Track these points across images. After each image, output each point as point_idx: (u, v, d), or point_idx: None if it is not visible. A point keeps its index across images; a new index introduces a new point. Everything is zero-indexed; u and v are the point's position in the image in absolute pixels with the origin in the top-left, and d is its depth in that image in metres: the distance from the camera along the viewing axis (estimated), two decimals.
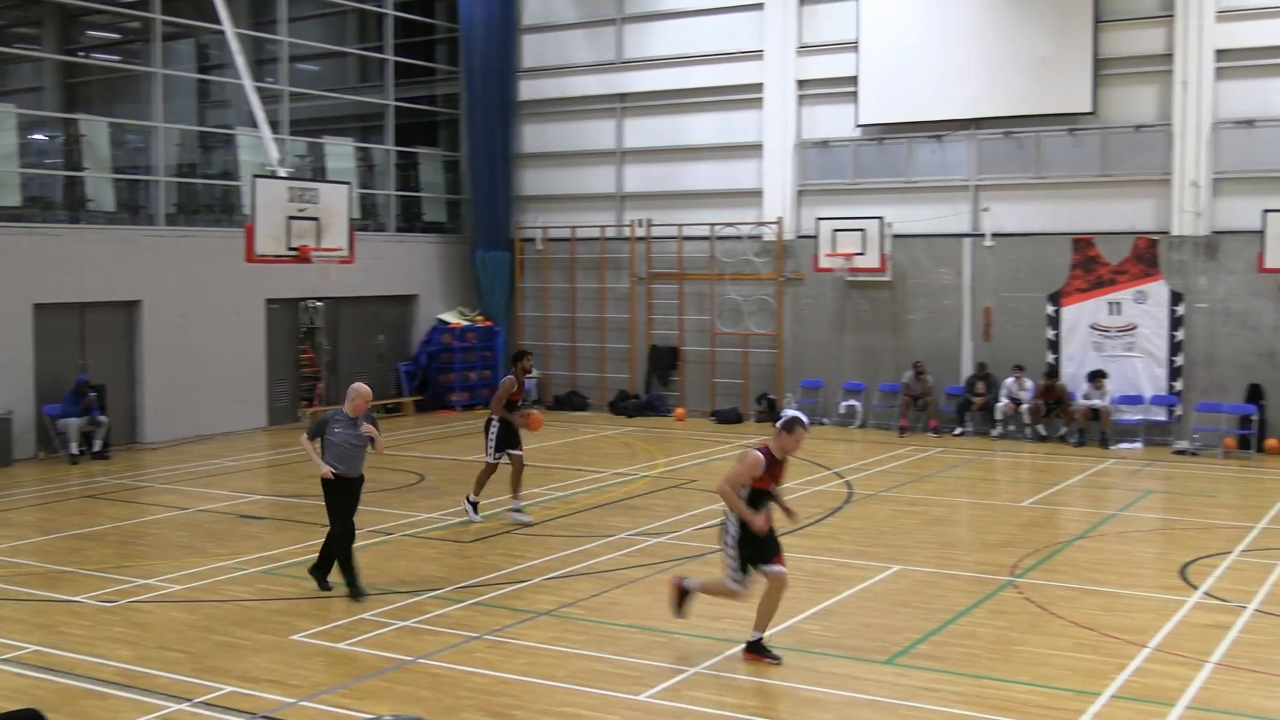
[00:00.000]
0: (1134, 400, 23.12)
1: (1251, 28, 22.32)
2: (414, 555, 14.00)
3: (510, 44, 29.20)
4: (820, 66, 26.04)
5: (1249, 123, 22.40)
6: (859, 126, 25.61)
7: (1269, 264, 21.60)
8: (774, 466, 10.10)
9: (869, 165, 25.72)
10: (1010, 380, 23.58)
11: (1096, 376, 22.87)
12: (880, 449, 22.39)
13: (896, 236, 25.00)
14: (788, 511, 10.49)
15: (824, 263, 25.18)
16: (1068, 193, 23.94)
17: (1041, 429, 23.17)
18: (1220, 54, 22.48)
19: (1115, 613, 11.63)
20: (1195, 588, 12.52)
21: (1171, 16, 22.76)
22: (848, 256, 24.82)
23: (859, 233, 24.76)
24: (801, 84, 26.27)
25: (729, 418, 26.38)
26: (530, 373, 16.66)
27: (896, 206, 25.18)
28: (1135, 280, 23.17)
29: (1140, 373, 23.19)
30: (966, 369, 24.55)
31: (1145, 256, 23.10)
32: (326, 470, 11.97)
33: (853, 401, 25.46)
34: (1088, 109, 23.49)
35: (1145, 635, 10.80)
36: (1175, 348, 22.94)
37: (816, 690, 9.45)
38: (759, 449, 10.05)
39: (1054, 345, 23.81)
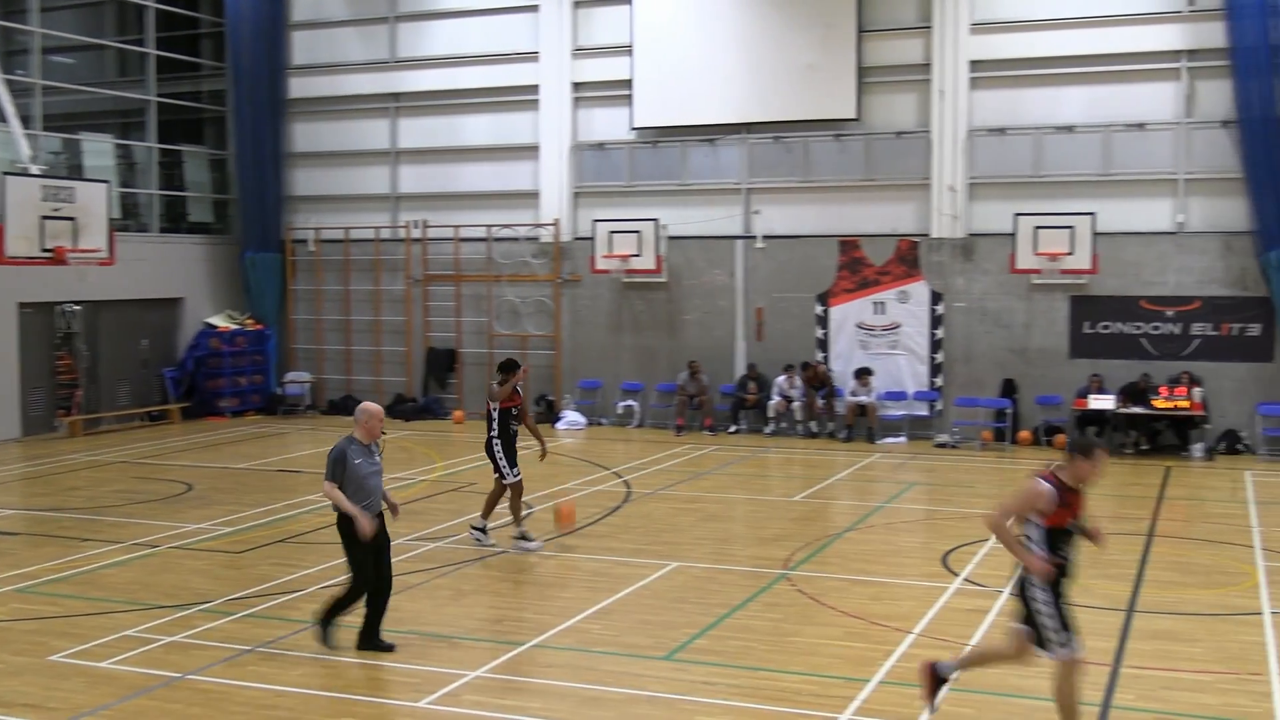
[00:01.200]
0: (898, 396, 24.05)
1: (1003, 40, 23.48)
2: (182, 568, 13.50)
3: (280, 40, 28.45)
4: (595, 69, 26.23)
5: (1001, 130, 23.55)
6: (634, 129, 25.90)
7: (1020, 265, 22.78)
8: (1069, 497, 8.05)
9: (644, 168, 26.04)
10: (781, 379, 24.21)
11: (862, 374, 23.69)
12: (657, 448, 22.69)
13: (671, 238, 25.38)
14: (1094, 537, 8.39)
15: (601, 264, 25.37)
16: (834, 196, 24.72)
17: (814, 425, 23.85)
18: (974, 64, 23.58)
19: (883, 601, 12.06)
20: (956, 574, 13.09)
21: (929, 28, 23.75)
22: (624, 258, 25.07)
23: (635, 234, 25.04)
24: (577, 86, 26.41)
25: None
26: (521, 383, 14.78)
27: (671, 209, 25.56)
28: (898, 281, 24.09)
29: (904, 370, 24.14)
30: (740, 368, 25.10)
31: (907, 258, 24.04)
32: (368, 526, 10.13)
33: (630, 401, 25.72)
34: (852, 115, 24.30)
35: (911, 622, 11.23)
36: (936, 345, 23.95)
37: (597, 689, 9.51)
38: (1045, 477, 8.06)
39: (823, 344, 24.56)
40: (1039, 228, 22.57)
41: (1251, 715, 8.95)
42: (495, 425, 14.31)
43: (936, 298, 23.89)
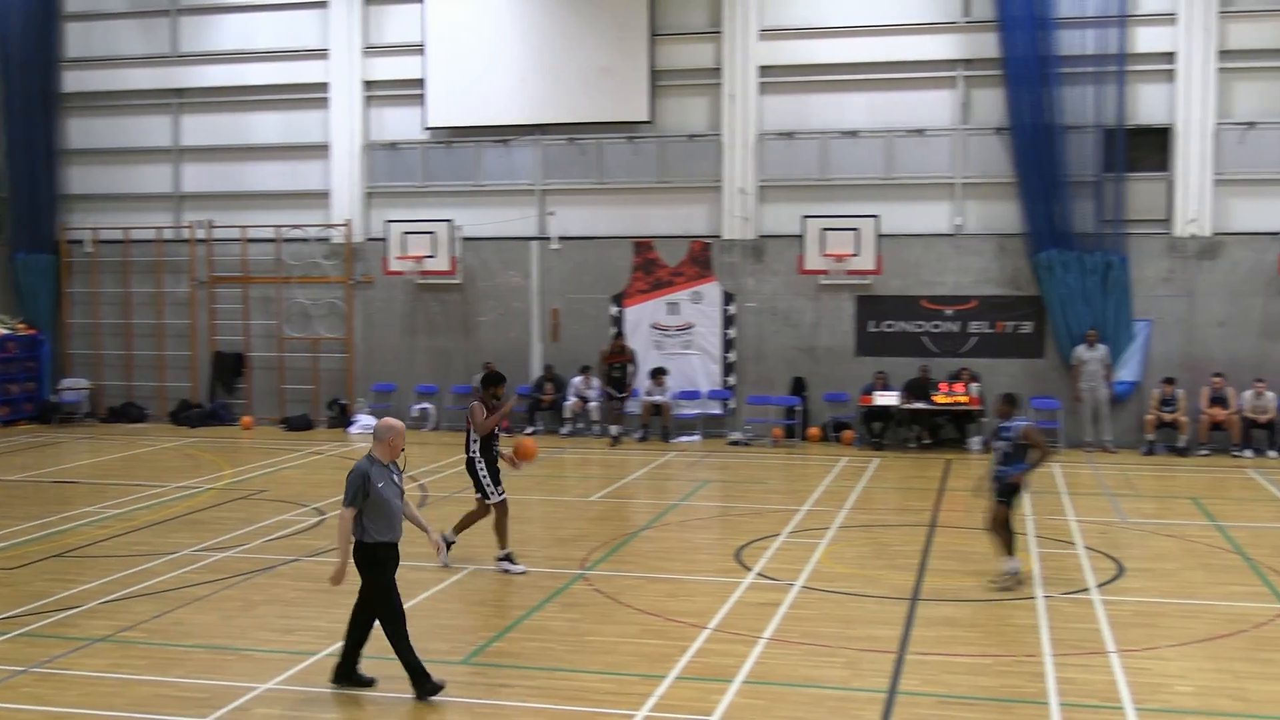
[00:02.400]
0: (692, 395, 24.41)
1: (791, 46, 24.06)
2: None
3: (52, 32, 27.19)
4: (387, 68, 25.86)
5: (789, 134, 24.13)
6: (427, 129, 25.63)
7: (808, 266, 23.40)
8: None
9: (438, 168, 25.79)
10: (578, 379, 24.31)
11: (657, 374, 23.97)
12: (454, 450, 22.41)
13: (466, 239, 25.21)
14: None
15: (394, 266, 25.03)
16: (628, 198, 24.94)
17: (614, 429, 23.96)
18: (763, 70, 24.10)
19: (678, 598, 12.21)
20: (749, 569, 13.34)
21: (720, 33, 24.18)
22: (418, 259, 24.79)
23: (429, 236, 24.79)
24: (368, 85, 25.99)
25: (300, 424, 25.72)
26: (500, 399, 13.69)
27: (466, 209, 25.39)
28: (691, 281, 24.46)
29: (697, 369, 24.52)
30: (536, 369, 25.10)
31: (700, 259, 24.42)
32: (342, 576, 9.41)
33: (425, 404, 25.44)
34: (645, 118, 24.56)
35: (706, 617, 11.40)
36: (728, 345, 24.40)
37: (393, 696, 9.36)
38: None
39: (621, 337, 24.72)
40: (826, 229, 23.23)
41: (1026, 694, 9.37)
42: (476, 444, 13.33)
43: (728, 298, 24.33)
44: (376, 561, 9.37)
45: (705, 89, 24.53)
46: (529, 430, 24.39)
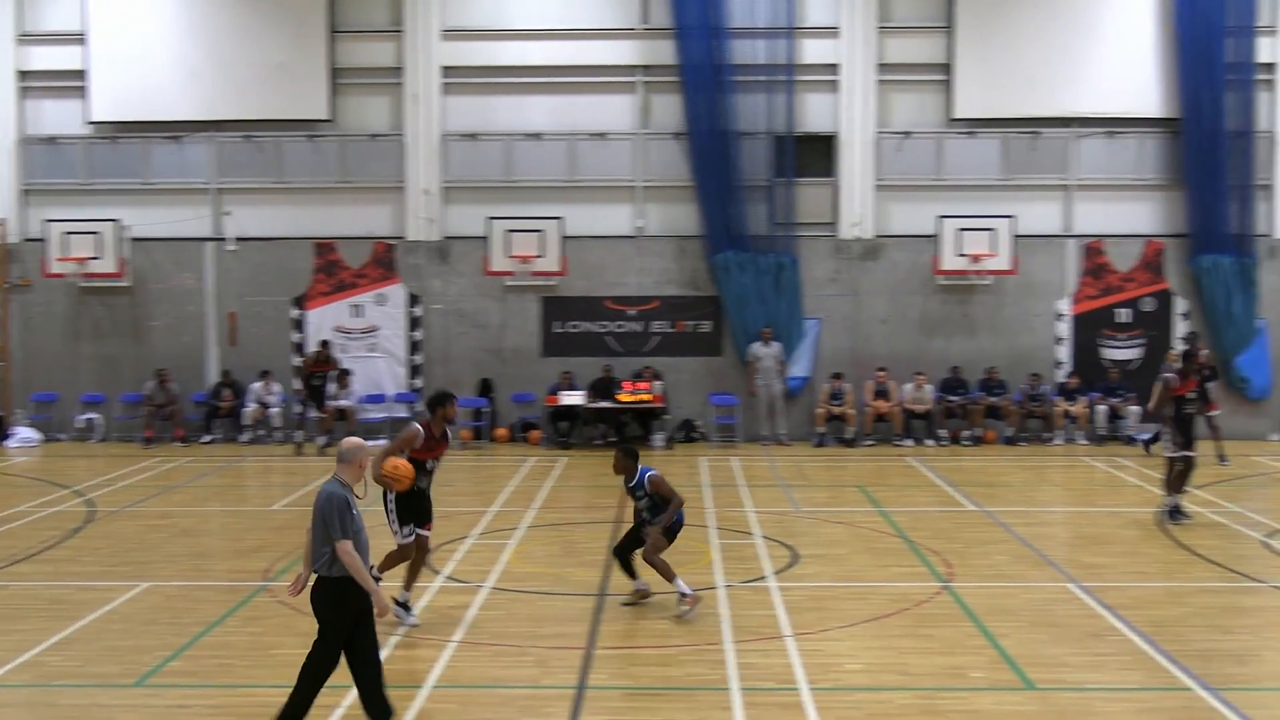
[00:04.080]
0: (378, 399, 24.05)
1: (473, 47, 24.04)
2: None
3: None
4: (45, 58, 24.34)
5: (473, 136, 24.10)
6: (90, 123, 24.25)
7: (494, 267, 23.46)
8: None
9: (103, 165, 24.45)
10: (257, 385, 23.55)
11: (342, 377, 23.47)
12: (124, 462, 21.37)
13: (135, 240, 24.01)
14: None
15: (55, 268, 23.59)
16: (309, 198, 24.33)
17: (300, 435, 23.23)
18: (446, 70, 23.98)
19: None
20: (438, 573, 13.24)
21: (401, 32, 23.90)
22: (81, 261, 23.46)
23: (94, 236, 23.51)
24: (23, 75, 24.40)
25: None
26: (452, 421, 11.51)
27: (134, 209, 24.17)
28: (376, 283, 24.09)
29: (383, 372, 24.18)
30: (212, 375, 24.15)
31: (384, 260, 24.08)
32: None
33: (92, 415, 24.07)
34: (326, 116, 24.02)
35: (393, 623, 11.22)
36: (414, 347, 24.16)
37: None
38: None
39: (300, 348, 24.07)
40: (511, 231, 23.36)
41: (709, 682, 9.67)
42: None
43: (414, 300, 24.09)
44: (341, 598, 8.35)
45: (387, 88, 24.20)
46: (205, 439, 23.48)
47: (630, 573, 11.93)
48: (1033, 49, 23.69)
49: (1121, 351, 24.02)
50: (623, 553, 12.00)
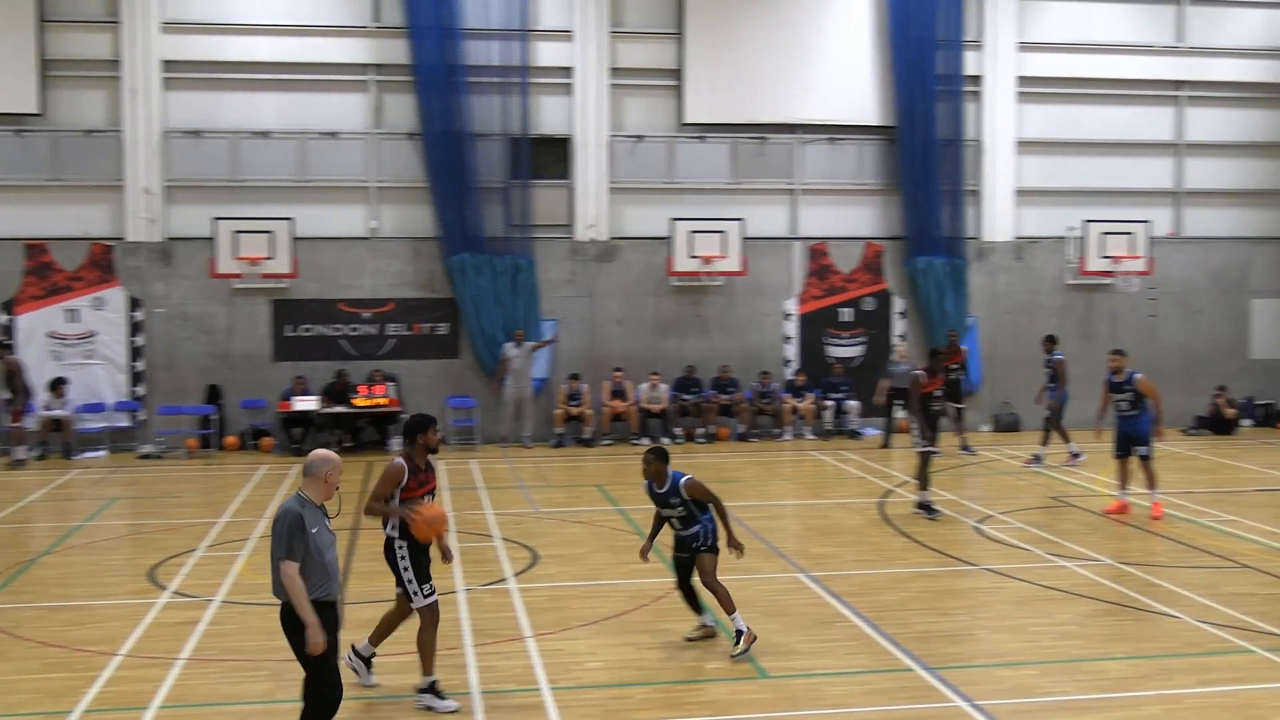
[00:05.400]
0: (97, 408, 22.89)
1: (196, 41, 23.16)
2: None
3: None
4: None
5: (197, 133, 23.22)
6: None
7: (221, 269, 22.68)
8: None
9: None
10: None
11: (57, 385, 22.25)
12: None
13: None
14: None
15: None
16: (17, 196, 22.94)
17: (22, 452, 21.95)
18: (167, 64, 23.02)
19: (86, 625, 11.42)
20: (164, 588, 12.73)
21: (118, 23, 22.81)
22: None
23: None
24: None
25: None
26: (435, 450, 9.77)
27: None
28: (93, 287, 22.93)
29: (102, 379, 23.02)
30: None
31: (102, 263, 22.94)
32: (323, 639, 7.55)
33: None
34: (35, 110, 22.72)
35: (116, 643, 10.74)
36: (136, 353, 23.11)
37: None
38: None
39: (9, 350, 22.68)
40: (238, 232, 22.64)
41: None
42: (395, 523, 9.39)
43: (135, 304, 23.04)
44: (297, 629, 7.64)
45: (103, 81, 23.04)
46: None
47: (696, 607, 10.91)
48: (759, 58, 24.48)
49: (845, 349, 25.08)
50: (685, 585, 10.90)
